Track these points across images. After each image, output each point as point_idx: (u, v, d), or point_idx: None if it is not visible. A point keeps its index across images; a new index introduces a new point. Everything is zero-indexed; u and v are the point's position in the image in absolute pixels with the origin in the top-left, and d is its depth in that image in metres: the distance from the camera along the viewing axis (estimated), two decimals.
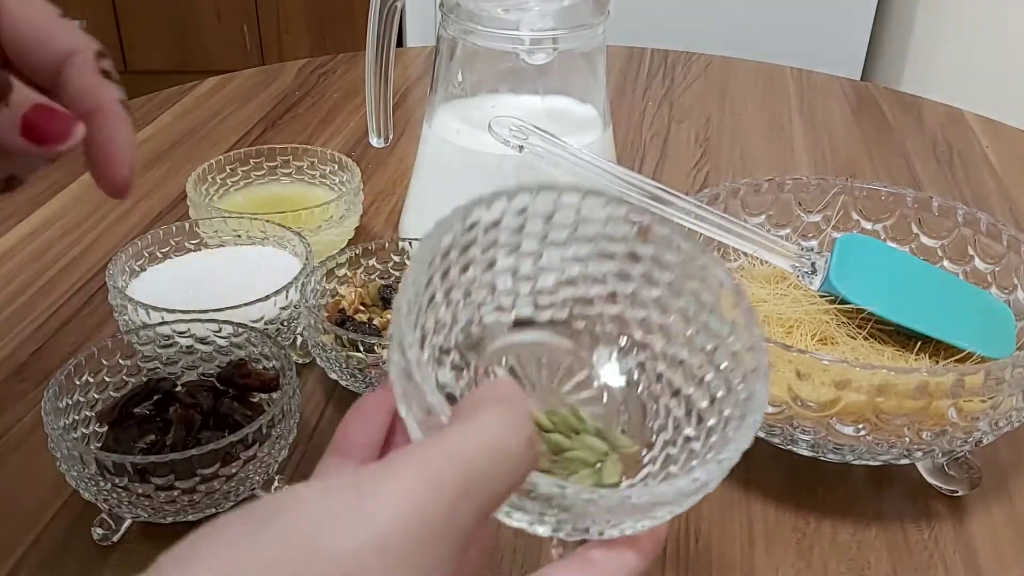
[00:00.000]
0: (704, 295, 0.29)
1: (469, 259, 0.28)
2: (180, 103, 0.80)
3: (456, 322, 0.29)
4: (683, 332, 0.30)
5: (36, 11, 0.30)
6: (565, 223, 0.30)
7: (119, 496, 0.36)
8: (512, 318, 0.31)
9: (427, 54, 0.94)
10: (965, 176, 0.71)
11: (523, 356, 0.31)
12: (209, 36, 2.03)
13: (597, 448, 0.28)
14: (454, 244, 0.27)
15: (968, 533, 0.40)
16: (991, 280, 0.46)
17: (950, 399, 0.35)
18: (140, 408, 0.39)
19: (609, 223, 0.30)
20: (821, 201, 0.49)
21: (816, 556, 0.39)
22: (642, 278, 0.31)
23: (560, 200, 0.29)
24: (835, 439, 0.37)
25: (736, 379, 0.28)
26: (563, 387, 0.31)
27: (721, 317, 0.29)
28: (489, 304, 0.30)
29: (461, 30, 0.48)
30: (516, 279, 0.30)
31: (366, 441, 0.26)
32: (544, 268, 0.30)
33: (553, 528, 0.24)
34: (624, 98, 0.84)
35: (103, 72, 0.30)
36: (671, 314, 0.30)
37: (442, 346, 0.29)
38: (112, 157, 0.30)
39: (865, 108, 0.84)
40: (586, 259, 0.31)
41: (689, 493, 0.24)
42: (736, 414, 0.27)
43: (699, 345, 0.30)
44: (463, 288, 0.29)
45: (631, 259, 0.30)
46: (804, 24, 1.47)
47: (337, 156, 0.58)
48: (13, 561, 0.37)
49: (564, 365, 0.31)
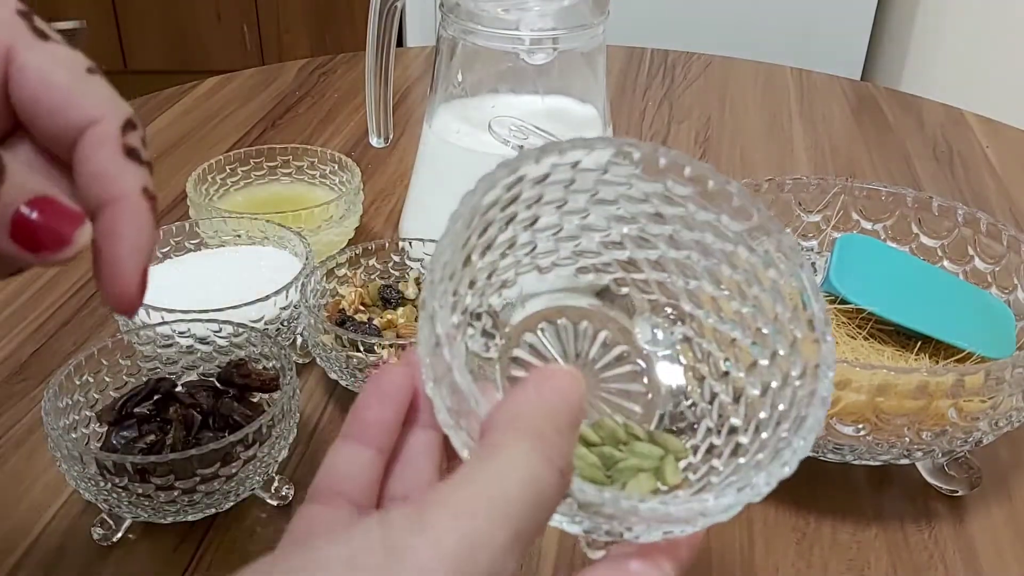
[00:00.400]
0: (764, 271, 0.26)
1: (510, 215, 0.26)
2: (180, 103, 0.80)
3: (491, 285, 0.27)
4: (737, 309, 0.27)
5: (59, 68, 0.24)
6: (616, 180, 0.27)
7: (119, 496, 0.36)
8: (551, 281, 0.28)
9: (427, 54, 0.94)
10: (965, 176, 0.71)
11: (560, 323, 0.28)
12: (209, 36, 2.03)
13: (652, 454, 0.26)
14: (497, 201, 0.25)
15: (968, 533, 0.40)
16: (991, 280, 0.46)
17: (950, 399, 0.35)
18: (140, 408, 0.39)
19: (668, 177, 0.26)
20: (821, 201, 0.49)
21: (816, 556, 0.39)
22: (696, 245, 0.27)
23: (613, 156, 0.26)
24: (835, 439, 0.37)
25: (795, 371, 0.25)
26: (602, 360, 0.29)
27: (783, 299, 0.26)
28: (527, 265, 0.28)
29: (461, 30, 0.48)
30: (558, 239, 0.28)
31: (382, 422, 0.24)
32: (589, 227, 0.28)
33: (587, 529, 0.23)
34: (624, 98, 0.84)
35: (128, 150, 0.24)
36: (725, 287, 0.27)
37: (474, 311, 0.26)
38: (117, 263, 0.23)
39: (865, 108, 0.84)
40: (634, 220, 0.28)
41: (734, 506, 0.23)
42: (792, 413, 0.25)
43: (754, 326, 0.27)
44: (500, 249, 0.26)
45: (685, 224, 0.27)
46: (804, 24, 1.47)
47: (337, 156, 0.58)
48: (13, 561, 0.37)
49: (603, 335, 0.29)
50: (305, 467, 0.42)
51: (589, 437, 0.26)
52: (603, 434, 0.27)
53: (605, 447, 0.26)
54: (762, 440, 0.26)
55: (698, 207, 0.27)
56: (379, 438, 0.24)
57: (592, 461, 0.26)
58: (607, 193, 0.27)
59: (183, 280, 0.47)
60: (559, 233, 0.28)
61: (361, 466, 0.24)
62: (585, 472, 0.25)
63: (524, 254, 0.27)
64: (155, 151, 0.71)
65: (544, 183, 0.26)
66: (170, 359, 0.42)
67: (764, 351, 0.27)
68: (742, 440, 0.26)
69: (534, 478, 0.19)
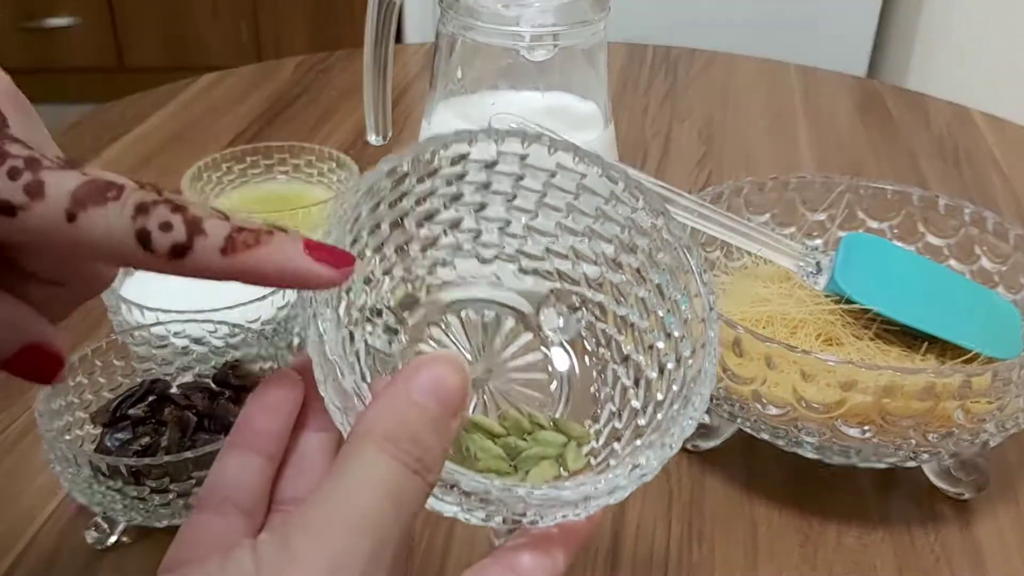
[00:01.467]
0: (660, 255, 0.27)
1: (401, 212, 0.27)
2: (176, 100, 0.79)
3: (389, 280, 0.27)
4: (635, 293, 0.28)
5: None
6: (509, 171, 0.28)
7: (113, 499, 0.35)
8: (452, 274, 0.29)
9: (426, 50, 0.94)
10: (971, 174, 0.71)
11: (464, 315, 0.29)
12: (206, 32, 2.03)
13: (555, 441, 0.27)
14: (382, 195, 0.25)
15: (975, 536, 0.39)
16: (998, 280, 0.46)
17: (957, 400, 0.35)
18: (135, 410, 0.39)
19: (559, 173, 0.28)
20: (826, 200, 0.49)
21: (821, 560, 0.38)
22: (592, 231, 0.28)
23: (504, 145, 0.27)
24: (841, 441, 0.37)
25: (686, 351, 0.26)
26: (507, 350, 0.29)
27: (677, 282, 0.27)
28: (423, 260, 0.28)
29: (460, 26, 0.47)
30: (458, 232, 0.28)
31: (270, 431, 0.24)
32: (487, 218, 0.29)
33: (484, 519, 0.23)
34: (626, 95, 0.84)
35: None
36: (624, 272, 0.28)
37: (373, 307, 0.27)
38: (277, 268, 0.22)
39: (870, 106, 0.83)
40: (534, 210, 0.29)
41: (625, 486, 0.23)
42: (684, 392, 0.26)
43: (652, 308, 0.28)
44: (393, 244, 0.27)
45: (579, 210, 0.28)
46: (809, 21, 1.47)
47: (335, 154, 0.57)
48: (7, 564, 0.37)
49: (508, 325, 0.30)
50: None
51: (494, 429, 0.27)
52: (508, 425, 0.27)
53: (510, 437, 0.27)
54: (658, 421, 0.26)
55: (591, 192, 0.28)
56: (268, 446, 0.24)
57: (497, 453, 0.27)
58: (500, 186, 0.28)
59: (178, 280, 0.46)
60: (459, 227, 0.28)
61: (250, 473, 0.24)
62: (490, 464, 0.26)
63: (418, 249, 0.28)
64: (150, 149, 0.71)
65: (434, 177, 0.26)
66: (165, 360, 0.41)
67: (660, 333, 0.28)
68: (641, 422, 0.27)
69: (385, 483, 0.20)
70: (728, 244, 0.45)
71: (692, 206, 0.43)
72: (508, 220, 0.29)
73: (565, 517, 0.23)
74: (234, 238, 0.21)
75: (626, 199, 0.27)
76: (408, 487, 0.20)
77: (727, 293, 0.45)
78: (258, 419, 0.24)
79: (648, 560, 0.38)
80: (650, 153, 0.74)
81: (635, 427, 0.27)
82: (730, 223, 0.43)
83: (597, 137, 0.50)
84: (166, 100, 0.79)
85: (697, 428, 0.42)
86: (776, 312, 0.42)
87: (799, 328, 0.42)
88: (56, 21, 2.00)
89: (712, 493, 0.41)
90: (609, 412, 0.28)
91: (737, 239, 0.43)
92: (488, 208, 0.28)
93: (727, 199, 0.48)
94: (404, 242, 0.28)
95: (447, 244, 0.29)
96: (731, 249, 0.48)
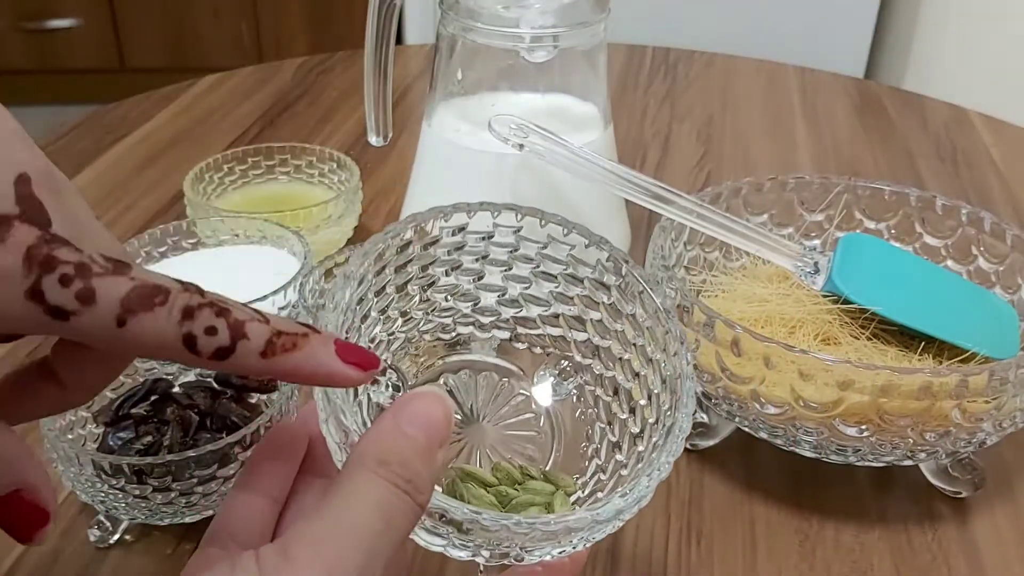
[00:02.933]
0: (646, 320, 0.30)
1: (407, 276, 0.29)
2: (177, 101, 0.80)
3: (392, 342, 0.30)
4: (620, 356, 0.31)
5: None
6: (505, 243, 0.30)
7: (116, 498, 0.35)
8: (452, 336, 0.32)
9: (426, 52, 0.94)
10: (969, 175, 0.71)
11: (462, 376, 0.32)
12: (207, 34, 2.03)
13: (544, 490, 0.29)
14: (388, 260, 0.28)
15: (971, 535, 0.40)
16: (995, 280, 0.46)
17: (954, 400, 0.35)
18: (137, 409, 0.39)
19: (550, 245, 0.31)
20: (824, 200, 0.49)
21: (819, 558, 0.38)
22: (583, 300, 0.31)
23: (498, 219, 0.30)
24: (838, 440, 0.37)
25: (665, 405, 0.29)
26: (501, 409, 0.32)
27: (656, 342, 0.30)
28: (425, 324, 0.31)
29: (461, 27, 0.48)
30: (456, 297, 0.31)
31: (275, 473, 0.27)
32: (486, 287, 0.31)
33: (472, 553, 0.25)
34: (625, 96, 0.84)
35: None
36: (610, 338, 0.31)
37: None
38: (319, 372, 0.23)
39: (868, 106, 0.83)
40: (528, 279, 0.31)
41: (603, 521, 0.24)
42: (660, 443, 0.28)
43: (634, 370, 0.30)
44: (399, 307, 0.30)
45: (573, 280, 0.31)
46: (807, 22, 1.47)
47: (336, 155, 0.57)
48: (9, 563, 0.37)
49: (503, 387, 0.32)
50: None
51: (487, 479, 0.30)
52: (500, 475, 0.30)
53: (502, 487, 0.29)
54: (638, 469, 0.28)
55: (582, 263, 0.30)
56: (273, 488, 0.27)
57: (489, 500, 0.29)
58: (497, 255, 0.31)
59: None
60: (456, 292, 0.31)
61: (255, 513, 0.26)
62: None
63: (423, 312, 0.31)
64: (152, 150, 0.71)
65: (436, 246, 0.29)
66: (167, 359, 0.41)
67: (643, 392, 0.30)
68: (623, 473, 0.29)
69: (379, 503, 0.22)
70: (727, 244, 0.45)
71: (691, 207, 0.44)
72: (505, 289, 0.32)
73: (550, 554, 0.25)
74: (273, 342, 0.22)
75: (610, 267, 0.30)
76: (398, 505, 0.22)
77: (726, 293, 0.45)
78: (265, 464, 0.27)
79: (647, 558, 0.38)
80: (649, 154, 0.74)
81: (618, 477, 0.29)
82: (729, 223, 0.44)
83: (596, 138, 0.51)
84: (168, 101, 0.79)
85: (696, 427, 0.43)
86: (774, 312, 0.43)
87: (797, 328, 0.42)
88: (58, 22, 2.00)
89: (711, 492, 0.41)
90: (596, 466, 0.31)
91: (736, 239, 0.44)
92: (486, 277, 0.31)
93: (726, 199, 0.48)
94: (408, 306, 0.30)
95: (448, 309, 0.31)
96: (730, 249, 0.48)
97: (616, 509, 0.24)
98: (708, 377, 0.39)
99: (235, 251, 0.49)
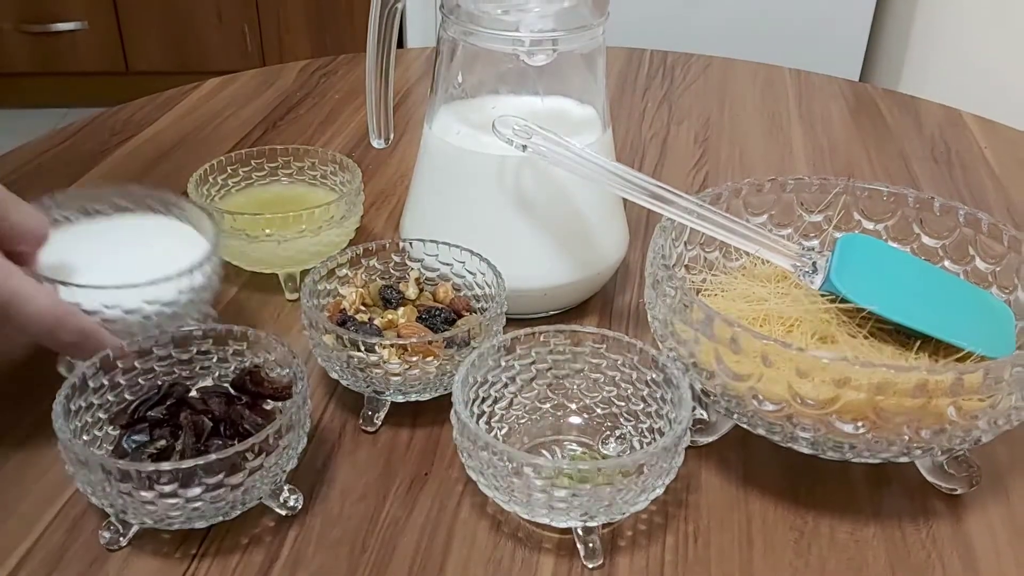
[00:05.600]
0: (659, 391, 0.41)
1: (509, 376, 0.43)
2: (181, 104, 0.80)
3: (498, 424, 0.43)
4: (646, 410, 0.42)
5: None
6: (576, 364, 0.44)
7: (125, 502, 0.35)
8: (539, 428, 0.44)
9: (427, 55, 0.94)
10: (963, 176, 0.72)
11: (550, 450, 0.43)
12: (210, 37, 2.04)
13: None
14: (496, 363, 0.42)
15: (966, 531, 0.40)
16: (992, 280, 0.46)
17: (949, 398, 0.36)
18: (153, 412, 0.39)
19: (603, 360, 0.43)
20: (823, 201, 0.50)
21: (814, 554, 0.39)
22: (631, 391, 0.43)
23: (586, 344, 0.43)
24: (835, 437, 0.38)
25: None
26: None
27: (671, 406, 0.40)
28: (522, 417, 0.44)
29: (461, 31, 0.48)
30: (538, 400, 0.44)
31: None
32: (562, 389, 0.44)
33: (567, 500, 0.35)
34: (624, 99, 0.85)
35: None
36: (642, 403, 0.42)
37: None
38: None
39: (863, 109, 0.84)
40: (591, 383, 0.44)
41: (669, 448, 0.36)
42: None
43: (650, 411, 0.42)
44: (503, 401, 0.43)
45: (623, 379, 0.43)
46: (803, 25, 1.47)
47: (338, 157, 0.58)
48: (15, 561, 0.37)
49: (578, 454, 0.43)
50: (306, 469, 0.42)
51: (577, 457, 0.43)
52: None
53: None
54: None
55: (628, 368, 0.42)
56: None
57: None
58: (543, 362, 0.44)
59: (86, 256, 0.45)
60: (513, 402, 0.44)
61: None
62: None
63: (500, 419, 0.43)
64: (156, 152, 0.72)
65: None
66: (183, 363, 0.42)
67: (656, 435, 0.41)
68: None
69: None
70: (727, 244, 0.46)
71: (692, 207, 0.44)
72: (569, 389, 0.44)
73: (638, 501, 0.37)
74: None
75: (639, 366, 0.42)
76: None
77: (725, 292, 0.46)
78: None
79: (644, 554, 0.38)
80: (647, 155, 0.74)
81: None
82: (728, 224, 0.44)
83: (595, 140, 0.51)
84: (171, 104, 0.80)
85: (694, 424, 0.43)
86: (773, 310, 0.43)
87: (795, 326, 0.42)
88: (63, 25, 2.01)
89: (708, 488, 0.42)
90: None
91: (735, 239, 0.44)
92: (565, 379, 0.44)
93: (726, 200, 0.48)
94: (510, 402, 0.43)
95: (534, 405, 0.44)
96: (729, 249, 0.48)
97: (676, 437, 0.36)
98: (707, 374, 0.39)
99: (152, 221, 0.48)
